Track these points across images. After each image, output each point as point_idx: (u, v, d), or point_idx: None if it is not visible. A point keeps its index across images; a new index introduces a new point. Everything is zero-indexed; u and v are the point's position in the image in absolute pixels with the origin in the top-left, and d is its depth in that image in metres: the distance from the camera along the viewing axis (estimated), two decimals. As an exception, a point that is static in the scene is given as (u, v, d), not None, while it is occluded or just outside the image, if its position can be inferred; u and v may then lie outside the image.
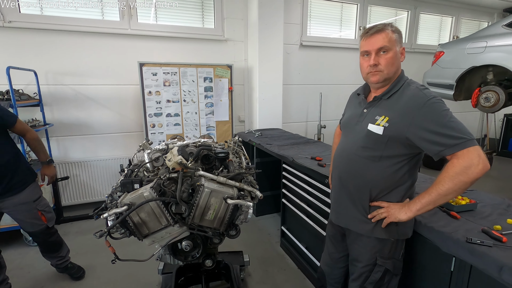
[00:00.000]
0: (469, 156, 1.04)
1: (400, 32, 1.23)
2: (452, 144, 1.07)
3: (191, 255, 1.33)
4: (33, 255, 2.66)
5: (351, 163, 1.30)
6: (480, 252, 1.06)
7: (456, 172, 1.05)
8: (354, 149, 1.29)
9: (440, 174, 1.10)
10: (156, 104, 3.41)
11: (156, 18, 3.56)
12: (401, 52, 1.23)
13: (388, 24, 1.22)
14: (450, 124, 1.08)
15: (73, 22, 3.18)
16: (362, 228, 1.30)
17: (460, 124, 1.10)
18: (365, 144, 1.25)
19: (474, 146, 1.05)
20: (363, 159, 1.26)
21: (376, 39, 1.19)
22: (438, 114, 1.10)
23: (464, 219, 1.31)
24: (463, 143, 1.05)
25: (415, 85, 1.21)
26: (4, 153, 1.82)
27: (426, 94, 1.15)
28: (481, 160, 1.03)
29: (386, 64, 1.19)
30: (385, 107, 1.23)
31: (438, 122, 1.09)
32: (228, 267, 2.03)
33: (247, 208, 1.19)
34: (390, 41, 1.18)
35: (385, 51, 1.19)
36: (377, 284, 1.29)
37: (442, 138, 1.08)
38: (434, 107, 1.11)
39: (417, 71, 4.75)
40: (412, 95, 1.17)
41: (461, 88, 3.68)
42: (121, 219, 1.08)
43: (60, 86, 3.25)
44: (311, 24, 4.39)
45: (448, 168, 1.08)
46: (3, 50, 2.99)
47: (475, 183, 1.06)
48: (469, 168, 1.03)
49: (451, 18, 5.53)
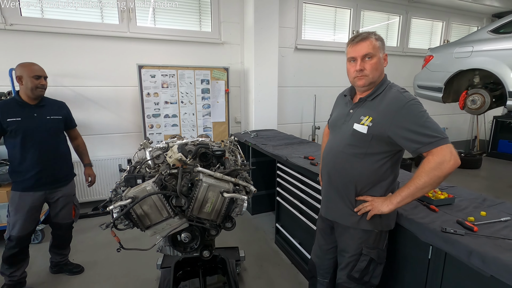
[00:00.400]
0: (442, 153, 1.15)
1: (383, 40, 1.34)
2: (428, 142, 1.18)
3: (190, 246, 1.42)
4: (32, 253, 2.68)
5: (338, 160, 1.41)
6: (453, 240, 1.17)
7: (431, 168, 1.16)
8: (341, 147, 1.40)
9: (417, 170, 1.21)
10: (155, 106, 3.50)
11: (155, 22, 3.65)
12: (384, 58, 1.34)
13: (372, 33, 1.33)
14: (426, 124, 1.19)
15: (73, 25, 3.26)
16: (349, 220, 1.40)
17: (435, 124, 1.21)
18: (351, 142, 1.36)
19: (447, 144, 1.17)
20: (349, 156, 1.37)
21: (361, 46, 1.30)
22: (416, 115, 1.21)
23: (442, 212, 1.43)
24: (437, 141, 1.16)
25: (396, 88, 1.32)
26: (63, 147, 2.17)
27: (406, 97, 1.26)
28: (452, 156, 1.14)
29: (371, 69, 1.30)
30: (369, 108, 1.33)
31: (415, 122, 1.20)
32: (224, 262, 2.12)
33: (242, 202, 1.29)
34: (374, 48, 1.29)
35: (370, 57, 1.30)
36: (363, 272, 1.39)
37: (419, 137, 1.19)
38: (412, 109, 1.22)
39: (409, 74, 4.91)
40: (393, 97, 1.28)
41: (449, 91, 3.82)
42: (126, 211, 1.17)
43: (60, 88, 3.32)
44: (305, 28, 4.51)
45: (424, 164, 1.19)
46: (5, 52, 3.06)
47: (459, 180, 1.17)
48: (442, 163, 1.15)
49: (441, 22, 5.71)
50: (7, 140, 1.96)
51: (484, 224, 1.29)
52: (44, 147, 2.01)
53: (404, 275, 1.47)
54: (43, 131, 2.00)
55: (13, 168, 2.01)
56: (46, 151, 2.03)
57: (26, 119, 1.94)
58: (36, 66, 1.98)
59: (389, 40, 5.33)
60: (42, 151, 2.00)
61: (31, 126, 1.95)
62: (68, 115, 2.22)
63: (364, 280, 1.38)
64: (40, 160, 2.00)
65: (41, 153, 2.00)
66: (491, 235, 1.19)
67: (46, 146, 2.02)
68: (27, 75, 1.91)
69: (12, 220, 2.02)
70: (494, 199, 1.57)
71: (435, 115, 5.94)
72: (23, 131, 1.92)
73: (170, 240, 1.41)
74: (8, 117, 1.89)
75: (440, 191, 1.59)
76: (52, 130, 2.05)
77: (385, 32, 5.26)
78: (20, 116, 1.92)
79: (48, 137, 2.03)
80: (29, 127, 1.94)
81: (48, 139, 2.03)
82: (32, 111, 1.98)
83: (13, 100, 1.99)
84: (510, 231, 1.22)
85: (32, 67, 1.95)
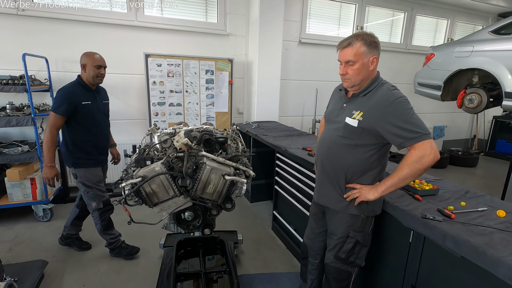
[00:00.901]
0: (423, 147, 1.27)
1: (372, 43, 1.37)
2: (411, 137, 1.29)
3: (193, 224, 1.56)
4: (42, 230, 2.89)
5: (330, 150, 1.53)
6: (431, 225, 1.29)
7: (412, 161, 1.28)
8: (334, 138, 1.51)
9: (401, 162, 1.33)
10: (160, 94, 3.60)
11: (162, 11, 3.72)
12: (372, 61, 1.40)
13: (360, 36, 1.36)
14: (411, 121, 1.30)
15: (82, 12, 3.34)
16: (338, 206, 1.53)
17: (419, 120, 1.31)
18: (343, 134, 1.47)
19: (429, 140, 1.28)
20: (341, 146, 1.48)
21: (344, 53, 1.40)
22: (402, 112, 1.32)
23: (425, 201, 1.54)
24: (420, 137, 1.28)
25: (387, 86, 1.42)
26: (107, 131, 2.38)
27: (394, 94, 1.36)
28: (432, 151, 1.26)
29: (353, 74, 1.40)
30: (361, 103, 1.44)
31: (401, 118, 1.31)
32: (223, 243, 2.26)
33: (241, 184, 1.41)
34: (356, 55, 1.36)
35: (352, 64, 1.39)
36: (349, 253, 1.53)
37: (404, 132, 1.30)
38: (399, 106, 1.33)
39: (412, 71, 4.94)
40: (383, 94, 1.38)
41: (448, 90, 3.90)
42: (136, 188, 1.29)
43: (69, 73, 3.42)
44: (310, 22, 4.56)
45: (407, 157, 1.31)
46: (17, 37, 3.16)
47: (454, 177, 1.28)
48: (422, 157, 1.26)
49: (446, 20, 5.72)
50: (71, 121, 2.10)
51: (461, 212, 1.40)
52: (102, 128, 2.30)
53: (387, 257, 1.60)
54: (102, 114, 2.27)
55: (77, 147, 2.17)
56: (103, 132, 2.32)
57: (93, 103, 2.17)
58: (98, 56, 2.15)
59: (393, 37, 5.37)
60: (101, 131, 2.28)
61: (95, 109, 2.18)
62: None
63: (349, 261, 1.52)
64: (99, 139, 2.27)
65: (101, 133, 2.28)
66: (466, 222, 1.31)
67: (103, 127, 2.31)
68: (90, 64, 2.10)
69: (91, 193, 2.24)
70: (476, 192, 1.69)
71: (436, 113, 6.12)
72: (91, 114, 2.15)
73: (174, 218, 1.54)
74: (83, 100, 2.10)
75: (426, 182, 1.71)
76: (106, 112, 2.35)
77: (389, 28, 5.29)
78: (89, 100, 2.14)
79: (104, 119, 2.32)
80: (94, 110, 2.18)
81: (105, 120, 2.33)
82: (94, 95, 2.20)
83: (79, 84, 2.15)
84: (484, 219, 1.34)
85: (94, 57, 2.12)
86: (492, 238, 1.17)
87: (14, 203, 2.90)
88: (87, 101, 2.12)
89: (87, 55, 2.14)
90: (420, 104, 5.84)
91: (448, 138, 6.48)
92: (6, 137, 3.29)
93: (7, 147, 2.90)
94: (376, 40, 1.39)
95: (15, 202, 2.91)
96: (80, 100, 2.08)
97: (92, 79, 2.14)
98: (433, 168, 5.68)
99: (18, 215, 3.07)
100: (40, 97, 3.33)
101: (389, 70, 5.32)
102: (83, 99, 2.11)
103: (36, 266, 2.14)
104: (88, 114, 2.13)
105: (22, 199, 2.93)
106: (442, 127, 6.32)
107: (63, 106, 2.02)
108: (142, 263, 2.42)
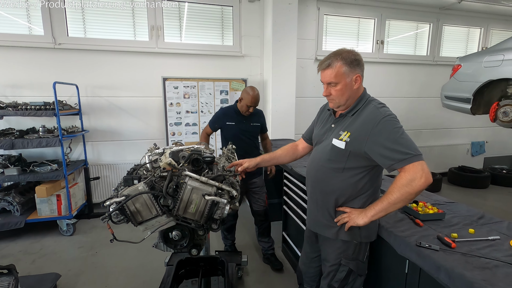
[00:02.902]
0: (414, 170, 1.15)
1: (354, 61, 1.30)
2: (400, 159, 1.18)
3: (180, 244, 1.55)
4: (64, 243, 3.08)
5: (318, 174, 1.45)
6: (425, 255, 1.15)
7: (402, 184, 1.17)
8: (321, 161, 1.44)
9: (391, 185, 1.22)
10: (177, 115, 3.77)
11: (181, 37, 3.96)
12: (355, 80, 1.32)
13: (340, 56, 1.30)
14: (400, 141, 1.20)
15: (109, 43, 3.68)
16: (327, 232, 1.43)
17: (409, 140, 1.21)
18: (330, 156, 1.39)
19: (419, 161, 1.16)
20: (328, 170, 1.40)
21: (325, 74, 1.34)
22: (390, 131, 1.22)
23: (426, 226, 1.39)
24: (409, 158, 1.17)
25: (374, 104, 1.33)
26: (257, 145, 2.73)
27: (381, 112, 1.27)
28: (424, 174, 1.14)
29: (336, 95, 1.34)
30: (349, 124, 1.35)
31: (389, 138, 1.21)
32: (224, 264, 2.22)
33: (223, 205, 1.39)
34: (336, 76, 1.30)
35: (334, 85, 1.33)
36: (342, 283, 1.40)
37: (392, 153, 1.19)
38: (386, 124, 1.23)
39: (440, 84, 4.64)
40: (370, 112, 1.30)
41: (479, 102, 3.58)
42: (119, 206, 1.34)
43: (97, 98, 3.75)
44: (327, 39, 4.55)
45: (396, 180, 1.20)
46: (52, 66, 3.55)
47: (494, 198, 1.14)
48: (413, 181, 1.15)
49: (479, 29, 5.35)
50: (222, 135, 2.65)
51: (466, 241, 1.24)
52: (246, 144, 2.59)
53: (384, 287, 1.45)
54: (247, 134, 2.60)
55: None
56: (247, 147, 2.58)
57: (238, 124, 2.56)
58: (252, 98, 2.45)
59: (418, 49, 5.13)
60: (245, 147, 2.54)
61: (241, 129, 2.56)
62: (263, 123, 2.74)
63: (343, 291, 1.39)
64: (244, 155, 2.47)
65: (244, 149, 2.51)
66: (467, 252, 1.15)
67: (247, 144, 2.60)
68: (244, 101, 2.47)
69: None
70: (493, 217, 1.48)
71: (474, 127, 5.61)
72: (234, 132, 2.55)
73: (162, 237, 1.55)
74: (227, 120, 2.56)
75: (431, 205, 1.54)
76: (253, 133, 2.65)
77: (414, 41, 5.08)
78: (234, 121, 2.56)
79: (249, 137, 2.62)
80: (239, 129, 2.56)
81: (249, 139, 2.63)
82: (243, 118, 2.57)
83: (232, 108, 2.60)
84: (492, 250, 1.16)
85: (250, 98, 2.44)
86: (495, 273, 1.01)
87: (42, 218, 3.14)
88: (231, 122, 2.56)
89: (246, 92, 2.47)
90: (454, 118, 5.43)
91: (490, 155, 5.87)
92: (42, 157, 3.64)
93: (39, 166, 3.20)
94: (358, 58, 1.32)
95: (43, 216, 3.16)
96: (225, 121, 2.56)
97: (241, 111, 2.53)
98: (472, 188, 5.15)
99: (46, 229, 3.31)
100: (71, 120, 3.65)
101: (415, 83, 5.05)
102: (229, 120, 2.56)
103: (49, 279, 2.26)
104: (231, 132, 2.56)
105: (49, 214, 3.17)
106: (482, 142, 5.76)
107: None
108: (148, 280, 2.46)
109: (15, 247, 2.99)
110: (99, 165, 3.84)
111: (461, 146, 5.63)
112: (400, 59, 4.93)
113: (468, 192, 4.84)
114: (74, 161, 3.67)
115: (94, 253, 2.87)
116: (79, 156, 3.80)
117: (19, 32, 3.45)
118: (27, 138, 3.00)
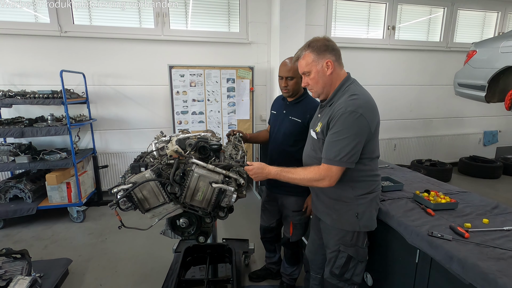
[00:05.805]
0: (324, 171, 1.26)
1: (322, 47, 1.30)
2: (324, 157, 1.28)
3: (187, 231, 1.56)
4: (75, 230, 3.14)
5: (308, 163, 1.49)
6: (437, 244, 1.13)
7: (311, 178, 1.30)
8: (308, 151, 1.49)
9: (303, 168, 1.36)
10: (183, 103, 3.75)
11: (187, 24, 3.90)
12: (327, 65, 1.31)
13: (308, 45, 1.34)
14: (337, 142, 1.23)
15: (115, 30, 3.64)
16: (327, 218, 1.45)
17: (345, 145, 1.22)
18: (312, 147, 1.44)
19: (335, 166, 1.24)
20: (314, 160, 1.42)
21: (299, 66, 1.39)
22: (339, 127, 1.23)
23: (438, 216, 1.36)
24: (329, 160, 1.24)
25: (348, 94, 1.29)
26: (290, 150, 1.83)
27: (347, 105, 1.24)
28: (328, 179, 1.26)
29: (312, 84, 1.36)
30: (324, 115, 1.37)
31: (332, 134, 1.25)
32: (231, 251, 2.24)
33: (230, 193, 1.38)
34: (307, 65, 1.33)
35: (308, 74, 1.35)
36: (343, 269, 1.40)
37: (326, 147, 1.28)
38: (342, 120, 1.23)
39: (454, 71, 4.48)
40: (338, 104, 1.29)
41: (494, 90, 3.45)
42: (126, 194, 1.34)
43: (103, 87, 3.74)
44: (336, 24, 4.42)
45: (311, 168, 1.32)
46: (59, 55, 3.54)
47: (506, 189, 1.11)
48: (317, 180, 1.28)
49: (496, 13, 5.12)
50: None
51: (480, 231, 1.20)
52: (276, 146, 1.88)
53: (394, 277, 1.43)
54: (281, 130, 1.85)
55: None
56: (276, 151, 1.89)
57: (277, 115, 1.91)
58: (282, 67, 1.75)
59: (431, 35, 4.95)
60: (274, 149, 1.91)
61: (275, 122, 1.92)
62: (309, 121, 1.68)
63: (345, 277, 1.39)
64: (271, 157, 1.93)
65: (272, 150, 1.93)
66: (482, 242, 1.11)
67: (277, 145, 1.88)
68: (278, 75, 1.79)
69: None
70: (508, 207, 1.44)
71: (486, 116, 5.45)
72: (272, 127, 1.97)
73: (169, 225, 1.55)
74: (272, 109, 1.99)
75: (443, 194, 1.50)
76: (287, 131, 1.82)
77: (427, 26, 4.89)
78: (276, 110, 1.94)
79: (282, 137, 1.84)
80: (274, 123, 1.93)
81: (281, 139, 1.85)
82: (283, 108, 1.87)
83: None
84: (507, 240, 1.13)
85: (280, 67, 1.77)
86: (510, 264, 0.98)
87: (52, 205, 3.20)
88: (273, 111, 1.98)
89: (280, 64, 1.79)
90: (466, 107, 5.28)
91: (502, 144, 5.72)
92: (51, 145, 3.68)
93: (49, 154, 3.24)
94: (328, 43, 1.31)
95: (54, 204, 3.21)
96: (271, 109, 2.00)
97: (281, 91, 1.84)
98: (483, 178, 5.04)
99: (57, 216, 3.38)
100: (78, 109, 3.67)
101: (426, 71, 4.90)
102: (274, 108, 1.99)
103: (61, 264, 2.32)
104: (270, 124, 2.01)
105: (60, 201, 3.22)
106: (495, 132, 5.60)
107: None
108: (156, 267, 2.50)
109: (28, 233, 3.06)
110: (107, 154, 3.87)
111: (473, 136, 5.49)
112: (412, 46, 4.77)
113: (479, 182, 4.75)
114: (82, 150, 3.71)
115: (104, 240, 2.92)
116: (87, 144, 3.84)
117: (25, 20, 3.44)
118: (36, 127, 3.03)
